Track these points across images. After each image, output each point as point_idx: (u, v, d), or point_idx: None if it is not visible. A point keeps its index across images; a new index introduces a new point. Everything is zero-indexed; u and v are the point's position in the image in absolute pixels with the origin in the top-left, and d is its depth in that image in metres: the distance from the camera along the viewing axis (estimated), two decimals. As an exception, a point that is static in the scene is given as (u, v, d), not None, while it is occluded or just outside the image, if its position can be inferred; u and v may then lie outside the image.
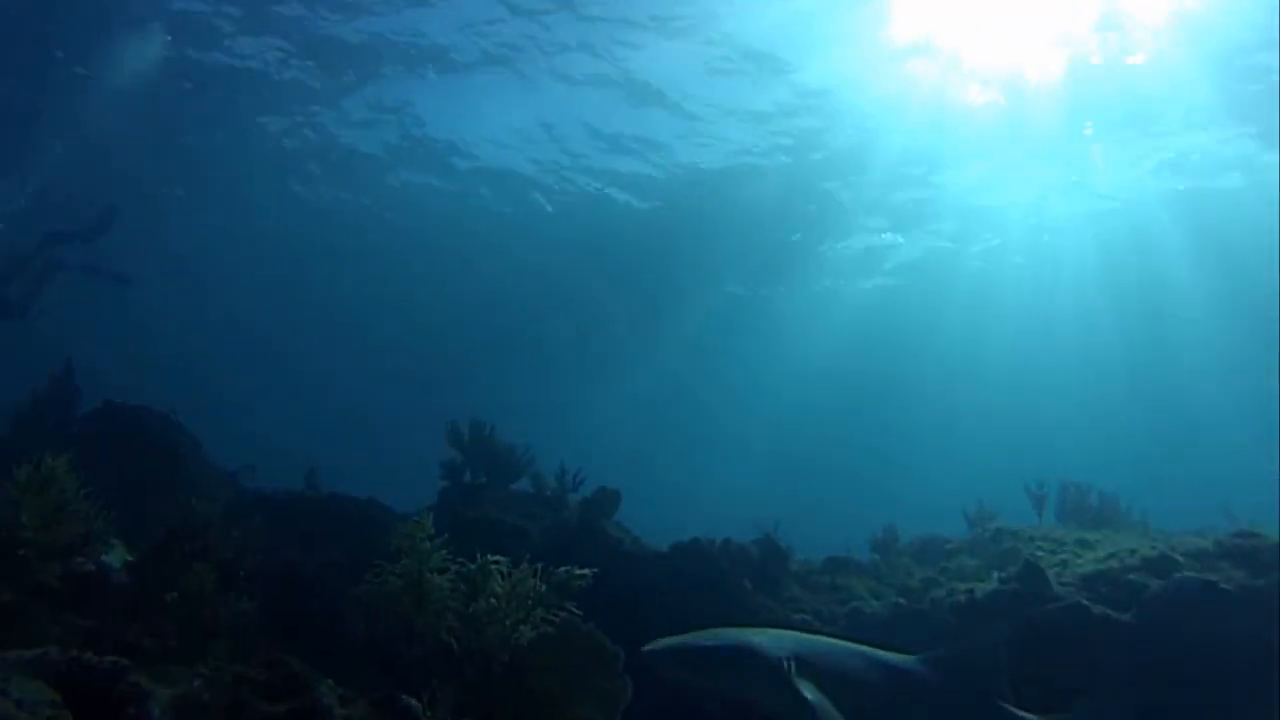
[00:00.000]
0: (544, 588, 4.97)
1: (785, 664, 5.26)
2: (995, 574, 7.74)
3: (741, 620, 8.34)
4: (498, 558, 5.25)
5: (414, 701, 5.34)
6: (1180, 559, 7.39)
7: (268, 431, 38.96)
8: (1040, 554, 8.96)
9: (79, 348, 12.40)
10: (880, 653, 5.90)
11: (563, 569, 5.02)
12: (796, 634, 5.99)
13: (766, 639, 5.58)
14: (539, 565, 5.13)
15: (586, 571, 5.04)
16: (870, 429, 48.05)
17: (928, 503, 18.74)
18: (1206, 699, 6.48)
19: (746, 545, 9.24)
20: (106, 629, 5.18)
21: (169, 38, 18.60)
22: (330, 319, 38.83)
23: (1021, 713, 5.87)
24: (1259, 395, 35.09)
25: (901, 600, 8.69)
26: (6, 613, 4.93)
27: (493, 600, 4.99)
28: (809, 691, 5.16)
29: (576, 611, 5.04)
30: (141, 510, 9.15)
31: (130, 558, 7.40)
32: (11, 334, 16.41)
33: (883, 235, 28.61)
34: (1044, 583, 7.23)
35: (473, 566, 5.27)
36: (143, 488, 9.41)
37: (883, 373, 40.60)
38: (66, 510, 5.12)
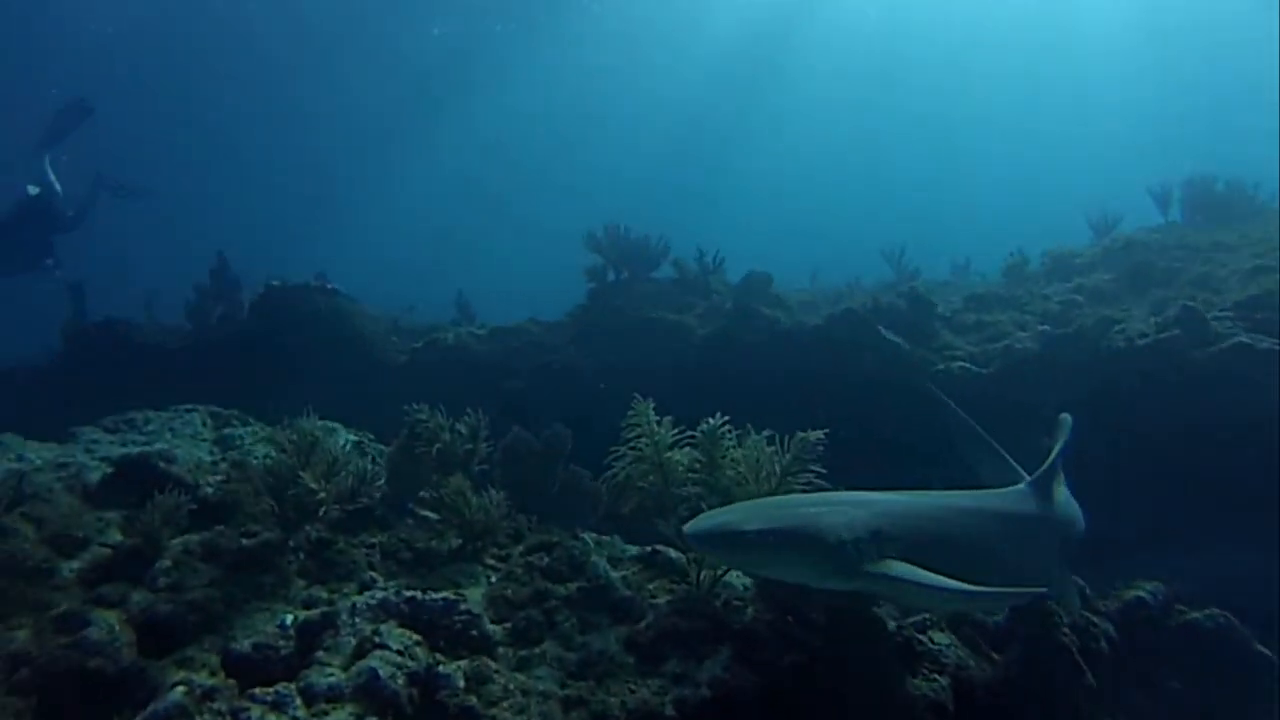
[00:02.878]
0: (787, 457, 5.09)
1: (855, 545, 4.00)
2: (1152, 319, 7.57)
3: (904, 377, 8.57)
4: (725, 421, 5.37)
5: (674, 552, 5.79)
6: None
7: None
8: (1178, 265, 8.77)
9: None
10: (972, 497, 4.82)
11: (798, 436, 5.09)
12: (880, 497, 4.53)
13: (839, 511, 4.17)
14: (772, 434, 5.18)
15: (820, 434, 5.08)
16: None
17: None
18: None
19: (894, 301, 9.22)
20: (399, 542, 5.65)
21: None
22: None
23: None
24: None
25: (1047, 327, 8.68)
26: (321, 546, 5.44)
27: (733, 472, 5.20)
28: (890, 569, 3.95)
29: (822, 471, 5.13)
30: (330, 381, 9.58)
31: (355, 437, 7.90)
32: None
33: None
34: (1203, 325, 7.10)
35: (702, 432, 5.43)
36: (326, 359, 9.80)
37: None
38: (338, 465, 5.44)
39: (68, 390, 10.22)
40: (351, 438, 7.82)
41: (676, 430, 5.42)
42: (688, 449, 5.38)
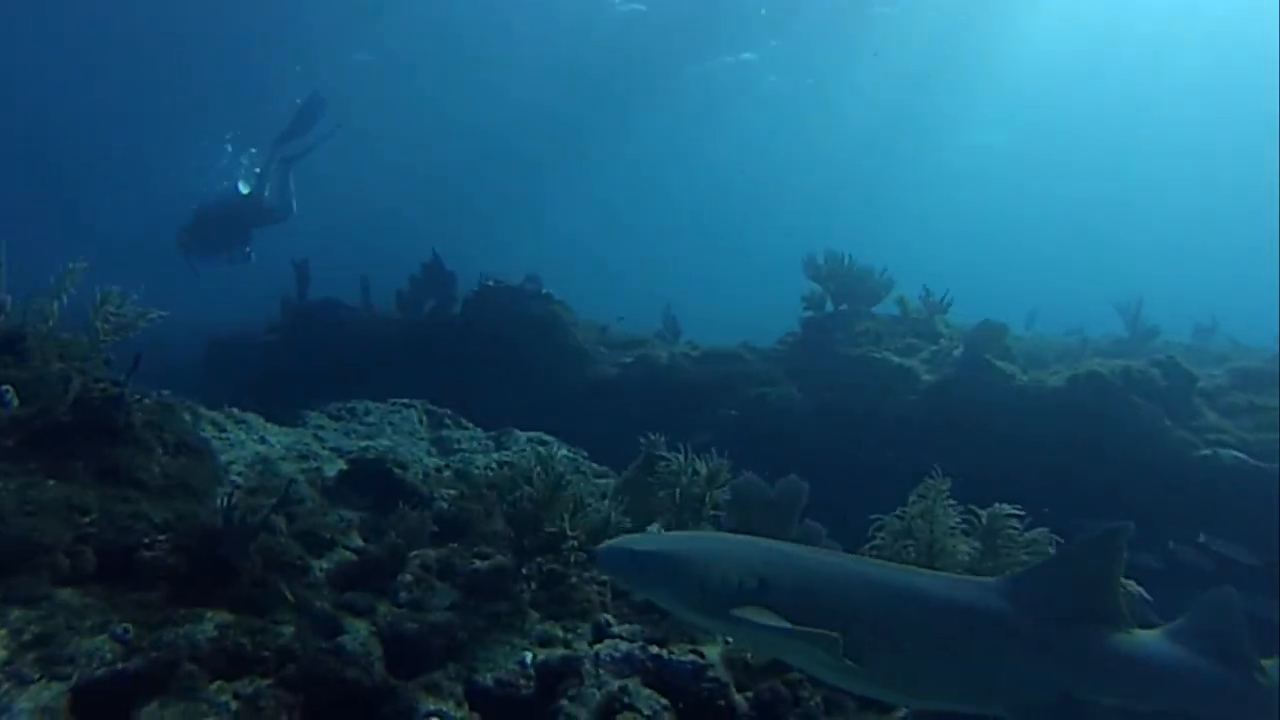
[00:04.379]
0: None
1: (733, 586, 3.52)
2: None
3: (1158, 460, 7.81)
4: (1016, 512, 4.95)
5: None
6: None
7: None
8: None
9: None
10: (940, 581, 3.70)
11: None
12: (791, 549, 3.84)
13: (733, 551, 3.74)
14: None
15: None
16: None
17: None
18: None
19: (1147, 369, 8.40)
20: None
21: None
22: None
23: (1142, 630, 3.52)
24: None
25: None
26: (553, 579, 5.31)
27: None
28: (758, 616, 3.40)
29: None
30: (538, 385, 9.57)
31: (570, 454, 7.79)
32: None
33: None
34: None
35: (988, 514, 5.02)
36: (537, 363, 9.81)
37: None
38: (587, 509, 5.38)
39: (286, 361, 10.64)
40: (567, 454, 7.72)
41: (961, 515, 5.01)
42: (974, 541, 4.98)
